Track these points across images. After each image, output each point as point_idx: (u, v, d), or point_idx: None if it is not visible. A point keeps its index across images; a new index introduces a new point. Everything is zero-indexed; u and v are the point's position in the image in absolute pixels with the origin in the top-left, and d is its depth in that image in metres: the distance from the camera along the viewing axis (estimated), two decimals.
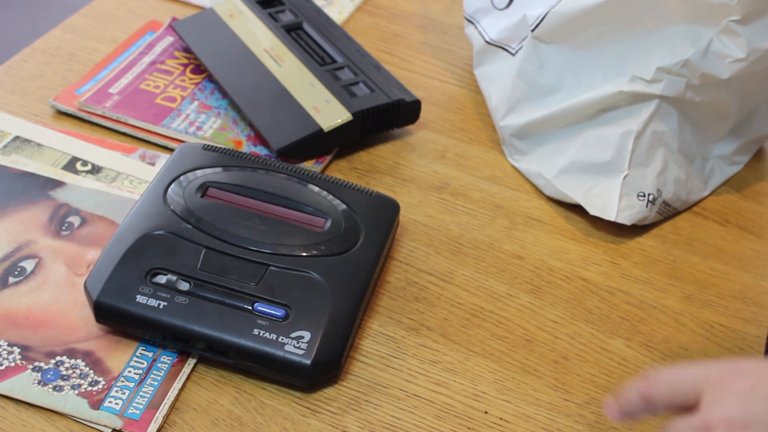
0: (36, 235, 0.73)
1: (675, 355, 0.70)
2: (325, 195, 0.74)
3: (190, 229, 0.69)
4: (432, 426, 0.63)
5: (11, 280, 0.70)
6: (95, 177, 0.79)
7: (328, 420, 0.63)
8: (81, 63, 0.94)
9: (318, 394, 0.64)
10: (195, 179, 0.73)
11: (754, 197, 0.86)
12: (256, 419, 0.62)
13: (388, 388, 0.65)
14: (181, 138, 0.84)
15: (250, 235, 0.69)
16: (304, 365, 0.62)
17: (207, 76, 0.92)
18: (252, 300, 0.65)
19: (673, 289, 0.76)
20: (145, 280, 0.65)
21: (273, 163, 0.77)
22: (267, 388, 0.64)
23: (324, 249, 0.69)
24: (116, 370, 0.64)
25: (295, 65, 0.89)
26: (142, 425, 0.61)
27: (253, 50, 0.91)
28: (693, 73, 0.77)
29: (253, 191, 0.73)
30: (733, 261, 0.79)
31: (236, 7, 0.96)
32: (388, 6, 1.08)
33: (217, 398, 0.64)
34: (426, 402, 0.65)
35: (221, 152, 0.77)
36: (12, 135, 0.83)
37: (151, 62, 0.93)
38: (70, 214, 0.75)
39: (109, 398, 0.62)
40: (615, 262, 0.78)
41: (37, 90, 0.90)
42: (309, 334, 0.63)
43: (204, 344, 0.64)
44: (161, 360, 0.65)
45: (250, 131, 0.86)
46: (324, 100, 0.85)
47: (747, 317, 0.74)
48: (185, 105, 0.88)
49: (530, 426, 0.64)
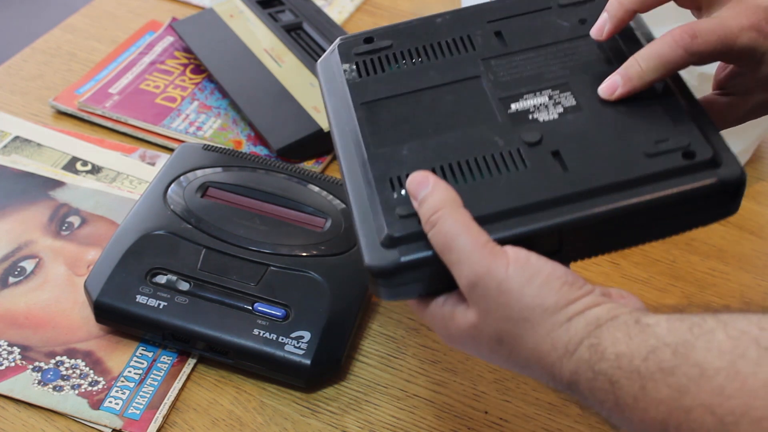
0: (36, 235, 0.73)
1: None
2: (325, 195, 0.74)
3: (190, 229, 0.69)
4: (432, 426, 0.63)
5: (11, 280, 0.70)
6: (95, 177, 0.79)
7: (328, 420, 0.63)
8: (81, 63, 0.94)
9: (318, 394, 0.64)
10: (195, 179, 0.73)
11: (754, 197, 0.86)
12: (256, 419, 0.63)
13: (388, 388, 0.65)
14: (181, 138, 0.84)
15: (250, 235, 0.69)
16: (304, 365, 0.62)
17: (207, 76, 0.92)
18: (252, 300, 0.65)
19: (673, 289, 0.76)
20: (145, 280, 0.65)
21: (273, 163, 0.77)
22: (267, 388, 0.64)
23: (324, 249, 0.69)
24: (116, 370, 0.64)
25: (295, 65, 0.89)
26: (142, 425, 0.61)
27: (253, 50, 0.91)
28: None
29: (253, 191, 0.73)
30: (733, 261, 0.79)
31: (236, 7, 0.96)
32: (388, 6, 1.08)
33: (217, 398, 0.64)
34: (426, 402, 0.65)
35: (221, 152, 0.77)
36: (12, 135, 0.83)
37: (151, 62, 0.93)
38: (70, 214, 0.75)
39: (109, 398, 0.62)
40: (615, 263, 0.78)
41: (37, 90, 0.90)
42: (309, 334, 0.63)
43: (204, 344, 0.64)
44: (161, 360, 0.65)
45: (250, 131, 0.86)
46: None
47: None
48: (185, 105, 0.88)
49: (530, 426, 0.64)
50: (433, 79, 0.56)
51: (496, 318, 0.45)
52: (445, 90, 0.56)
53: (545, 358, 0.44)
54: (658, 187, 0.49)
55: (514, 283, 0.44)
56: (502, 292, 0.45)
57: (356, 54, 0.59)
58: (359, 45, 0.59)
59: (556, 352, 0.44)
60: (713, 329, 0.41)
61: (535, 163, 0.50)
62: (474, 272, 0.45)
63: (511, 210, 0.48)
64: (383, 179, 0.51)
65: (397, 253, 0.48)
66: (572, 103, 0.53)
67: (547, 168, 0.50)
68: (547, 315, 0.44)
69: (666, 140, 0.51)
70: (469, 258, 0.45)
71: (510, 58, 0.57)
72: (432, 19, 0.60)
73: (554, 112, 0.53)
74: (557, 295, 0.44)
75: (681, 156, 0.50)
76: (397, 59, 0.58)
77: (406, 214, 0.49)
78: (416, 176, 0.49)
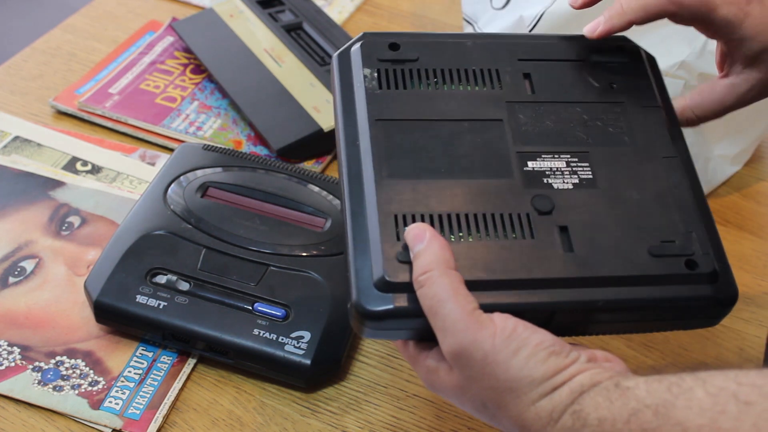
0: (36, 235, 0.73)
1: (675, 355, 0.70)
2: (325, 195, 0.74)
3: (190, 229, 0.69)
4: (432, 426, 0.63)
5: (11, 280, 0.70)
6: (95, 177, 0.79)
7: (328, 420, 0.63)
8: (81, 63, 0.94)
9: (318, 394, 0.64)
10: (195, 179, 0.73)
11: (754, 197, 0.86)
12: (256, 419, 0.63)
13: (388, 388, 0.65)
14: (181, 138, 0.84)
15: (250, 235, 0.69)
16: (304, 365, 0.62)
17: (207, 76, 0.92)
18: (252, 300, 0.65)
19: None
20: (145, 280, 0.65)
21: (273, 163, 0.77)
22: (267, 388, 0.64)
23: (324, 249, 0.69)
24: (116, 370, 0.64)
25: (295, 65, 0.89)
26: (142, 425, 0.61)
27: (253, 50, 0.91)
28: (691, 74, 0.77)
29: (253, 191, 0.73)
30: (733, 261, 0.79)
31: (236, 7, 0.96)
32: (388, 6, 1.08)
33: (217, 398, 0.64)
34: (426, 402, 0.65)
35: (221, 152, 0.77)
36: (12, 135, 0.83)
37: (151, 62, 0.93)
38: (70, 214, 0.75)
39: (109, 398, 0.62)
40: None
41: (37, 90, 0.90)
42: (309, 334, 0.63)
43: (204, 344, 0.64)
44: (161, 360, 0.65)
45: (250, 131, 0.86)
46: (324, 100, 0.85)
47: (747, 317, 0.73)
48: (185, 105, 0.88)
49: None
50: (454, 112, 0.55)
51: (480, 387, 0.45)
52: (465, 127, 0.54)
53: (529, 426, 0.44)
54: (657, 290, 0.50)
55: (500, 355, 0.44)
56: (488, 363, 0.44)
57: (380, 60, 0.56)
58: (384, 50, 0.57)
59: (540, 421, 0.44)
60: (692, 387, 0.41)
61: (541, 235, 0.50)
62: (458, 342, 0.45)
63: (508, 282, 0.48)
64: (388, 215, 0.49)
65: (390, 299, 0.47)
66: (588, 176, 0.53)
67: (552, 244, 0.50)
68: (533, 386, 0.44)
69: (672, 242, 0.51)
70: (455, 326, 0.45)
71: (535, 107, 0.56)
72: (463, 39, 0.59)
73: (569, 181, 0.53)
74: (544, 366, 0.44)
75: (684, 264, 0.51)
76: (420, 78, 0.56)
77: (405, 260, 0.48)
78: (414, 229, 0.48)
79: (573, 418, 0.43)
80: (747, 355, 0.70)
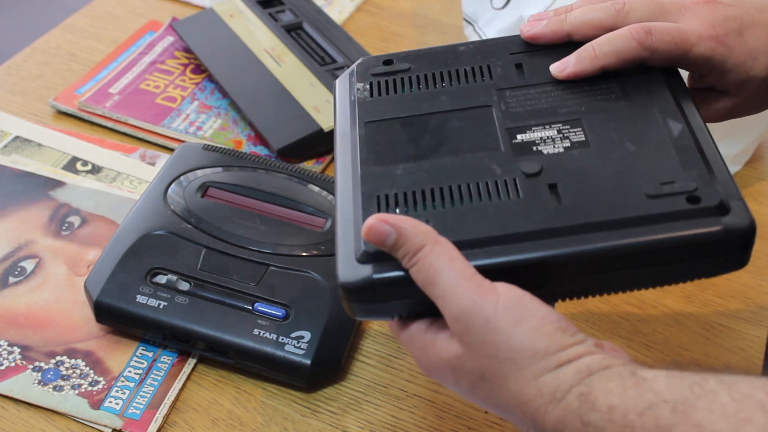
0: (36, 235, 0.73)
1: (675, 355, 0.70)
2: (325, 195, 0.74)
3: (190, 229, 0.69)
4: (432, 426, 0.63)
5: (11, 280, 0.70)
6: (95, 177, 0.79)
7: (328, 420, 0.63)
8: (81, 63, 0.94)
9: (318, 394, 0.64)
10: (195, 179, 0.73)
11: (754, 197, 0.86)
12: (257, 419, 0.63)
13: (388, 388, 0.65)
14: (181, 138, 0.84)
15: (250, 235, 0.69)
16: (305, 365, 0.62)
17: (207, 76, 0.92)
18: (252, 300, 0.65)
19: (673, 289, 0.76)
20: (145, 280, 0.65)
21: (273, 163, 0.77)
22: (267, 388, 0.65)
23: (324, 249, 0.69)
24: (116, 370, 0.64)
25: (295, 65, 0.89)
26: (142, 425, 0.61)
27: (253, 50, 0.91)
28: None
29: (253, 191, 0.73)
30: None
31: (236, 7, 0.96)
32: (388, 6, 1.08)
33: (217, 398, 0.64)
34: (426, 402, 0.65)
35: (221, 152, 0.77)
36: (12, 135, 0.83)
37: (151, 62, 0.93)
38: (70, 214, 0.75)
39: (109, 398, 0.62)
40: None
41: (37, 90, 0.90)
42: (309, 334, 0.63)
43: (204, 344, 0.64)
44: (161, 360, 0.65)
45: (250, 131, 0.86)
46: (324, 100, 0.85)
47: (747, 317, 0.73)
48: (185, 105, 0.88)
49: None
50: (443, 105, 0.55)
51: (480, 354, 0.43)
52: (453, 116, 0.54)
53: (529, 403, 0.43)
54: (655, 229, 0.46)
55: (503, 322, 0.43)
56: (489, 330, 0.43)
57: (372, 74, 0.58)
58: (378, 66, 0.58)
59: (541, 398, 0.42)
60: (715, 390, 0.39)
61: (528, 193, 0.48)
62: (459, 307, 0.43)
63: (495, 238, 0.46)
64: (370, 197, 0.50)
65: (370, 269, 0.46)
66: (581, 139, 0.52)
67: (540, 200, 0.48)
68: (536, 359, 0.42)
69: (671, 183, 0.48)
70: (454, 291, 0.44)
71: (526, 90, 0.55)
72: (456, 47, 0.59)
73: (560, 145, 0.51)
74: (549, 339, 0.43)
75: (685, 200, 0.47)
76: (411, 83, 0.57)
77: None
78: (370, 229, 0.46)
79: (579, 400, 0.41)
80: (747, 355, 0.70)
